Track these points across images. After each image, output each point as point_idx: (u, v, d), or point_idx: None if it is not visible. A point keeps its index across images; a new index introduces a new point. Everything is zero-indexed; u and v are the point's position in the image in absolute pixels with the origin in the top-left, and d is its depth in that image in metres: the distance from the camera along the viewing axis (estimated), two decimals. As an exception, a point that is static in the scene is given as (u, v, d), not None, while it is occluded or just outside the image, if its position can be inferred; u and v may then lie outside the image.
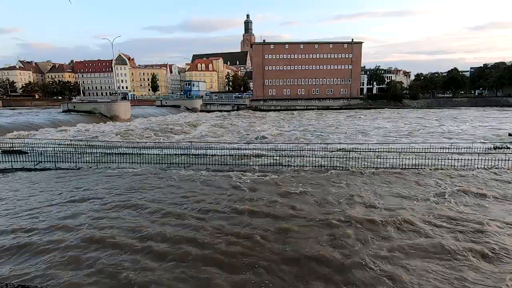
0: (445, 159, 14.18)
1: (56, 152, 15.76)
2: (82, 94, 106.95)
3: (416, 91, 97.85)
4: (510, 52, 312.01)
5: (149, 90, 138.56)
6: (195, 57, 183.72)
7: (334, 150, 16.78)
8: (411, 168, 13.68)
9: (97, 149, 17.69)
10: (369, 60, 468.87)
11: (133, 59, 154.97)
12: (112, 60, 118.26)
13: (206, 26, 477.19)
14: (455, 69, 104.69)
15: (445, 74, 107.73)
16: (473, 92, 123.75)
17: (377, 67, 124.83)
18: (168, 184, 11.90)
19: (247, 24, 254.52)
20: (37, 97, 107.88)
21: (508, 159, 13.97)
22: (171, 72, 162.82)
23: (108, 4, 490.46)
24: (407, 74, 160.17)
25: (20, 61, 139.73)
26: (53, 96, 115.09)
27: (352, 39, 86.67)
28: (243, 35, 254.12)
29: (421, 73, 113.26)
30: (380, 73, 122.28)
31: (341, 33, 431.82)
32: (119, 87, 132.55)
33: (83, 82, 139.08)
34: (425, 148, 16.30)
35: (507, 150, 16.65)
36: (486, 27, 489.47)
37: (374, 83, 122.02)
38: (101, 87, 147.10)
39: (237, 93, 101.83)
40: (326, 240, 7.38)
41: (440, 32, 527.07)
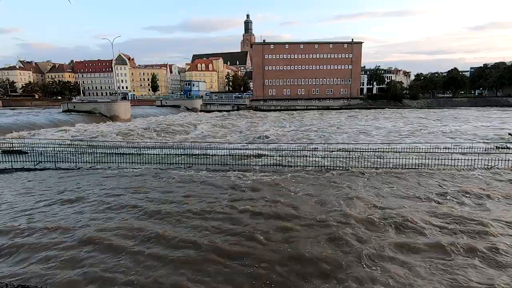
0: (445, 159, 14.18)
1: (56, 152, 15.75)
2: (82, 94, 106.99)
3: (416, 91, 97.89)
4: (510, 52, 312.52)
5: (149, 90, 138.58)
6: (195, 57, 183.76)
7: (335, 150, 16.78)
8: (412, 168, 13.68)
9: (97, 149, 17.68)
10: (369, 60, 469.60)
11: (133, 59, 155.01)
12: (112, 60, 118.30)
13: (206, 26, 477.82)
14: (455, 69, 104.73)
15: (445, 74, 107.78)
16: (473, 92, 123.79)
17: (377, 67, 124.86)
18: (168, 184, 11.89)
19: (247, 24, 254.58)
20: (37, 97, 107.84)
21: (508, 159, 13.96)
22: (171, 72, 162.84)
23: (108, 4, 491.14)
24: (407, 74, 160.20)
25: (20, 61, 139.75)
26: (52, 96, 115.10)
27: (352, 39, 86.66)
28: (243, 35, 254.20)
29: (421, 73, 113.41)
30: (380, 73, 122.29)
31: (341, 33, 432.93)
32: (119, 87, 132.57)
33: (83, 82, 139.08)
34: (425, 148, 16.29)
35: (507, 150, 16.65)
36: (486, 27, 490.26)
37: (374, 83, 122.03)
38: (101, 87, 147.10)
39: (237, 93, 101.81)
40: (326, 239, 7.37)
41: (440, 32, 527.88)
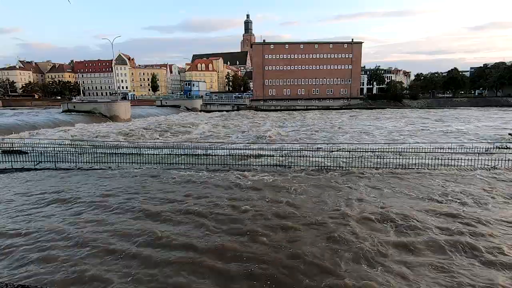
0: (446, 159, 14.17)
1: (56, 152, 15.73)
2: (82, 94, 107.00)
3: (416, 91, 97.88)
4: (510, 52, 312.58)
5: (149, 90, 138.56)
6: (195, 57, 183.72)
7: (336, 150, 16.78)
8: (413, 168, 13.69)
9: (97, 149, 17.67)
10: (369, 60, 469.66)
11: (133, 59, 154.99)
12: (112, 60, 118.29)
13: (206, 26, 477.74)
14: (455, 69, 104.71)
15: (445, 74, 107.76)
16: (473, 92, 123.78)
17: (377, 67, 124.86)
18: (168, 185, 11.88)
19: (247, 24, 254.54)
20: (36, 97, 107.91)
21: (508, 159, 13.96)
22: (171, 72, 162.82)
23: (108, 4, 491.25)
24: (407, 74, 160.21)
25: (20, 61, 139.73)
26: (52, 96, 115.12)
27: (352, 39, 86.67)
28: (243, 35, 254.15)
29: (421, 73, 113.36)
30: (380, 73, 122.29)
31: (341, 33, 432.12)
32: (119, 87, 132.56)
33: (83, 82, 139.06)
34: (425, 148, 16.29)
35: (508, 150, 16.66)
36: (486, 27, 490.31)
37: (374, 83, 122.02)
38: (101, 87, 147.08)
39: (237, 93, 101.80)
40: (327, 238, 7.37)
41: (440, 32, 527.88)
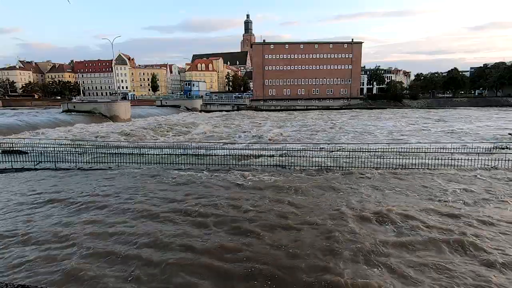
0: (446, 159, 14.18)
1: (56, 152, 15.73)
2: (82, 94, 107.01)
3: (416, 91, 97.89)
4: (510, 52, 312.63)
5: (149, 90, 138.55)
6: (195, 57, 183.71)
7: (336, 150, 16.78)
8: (413, 169, 13.69)
9: (97, 149, 17.67)
10: (369, 60, 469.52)
11: (133, 59, 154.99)
12: (112, 60, 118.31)
13: (206, 26, 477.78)
14: (455, 69, 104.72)
15: (445, 74, 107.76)
16: (473, 92, 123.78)
17: (377, 67, 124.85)
18: (168, 185, 11.87)
19: (247, 24, 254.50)
20: (36, 97, 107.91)
21: (508, 159, 13.97)
22: (171, 72, 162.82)
23: (108, 4, 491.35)
24: (407, 74, 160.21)
25: (20, 61, 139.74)
26: (52, 96, 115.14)
27: (352, 39, 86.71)
28: (243, 35, 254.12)
29: (421, 73, 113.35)
30: (380, 73, 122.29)
31: (341, 33, 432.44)
32: (119, 87, 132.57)
33: (83, 82, 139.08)
34: (425, 148, 16.29)
35: (508, 150, 16.66)
36: (486, 27, 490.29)
37: (374, 83, 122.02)
38: (101, 87, 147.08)
39: (237, 93, 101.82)
40: (327, 238, 7.38)
41: (440, 32, 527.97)
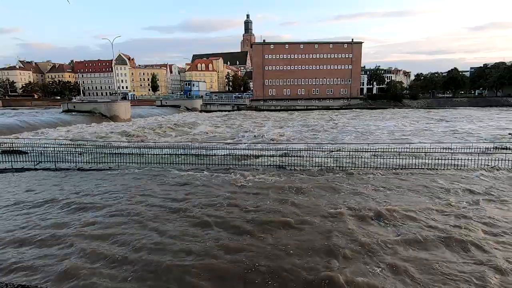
0: (446, 159, 14.19)
1: (56, 152, 15.74)
2: (82, 94, 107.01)
3: (416, 91, 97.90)
4: (510, 52, 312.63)
5: (149, 90, 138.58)
6: (195, 57, 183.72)
7: (337, 150, 16.77)
8: (413, 168, 13.68)
9: (97, 149, 17.67)
10: (369, 60, 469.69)
11: (133, 59, 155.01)
12: (112, 60, 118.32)
13: (206, 26, 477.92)
14: (455, 69, 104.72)
15: (445, 74, 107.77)
16: (473, 92, 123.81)
17: (377, 67, 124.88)
18: (169, 185, 11.87)
19: (247, 24, 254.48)
20: (36, 97, 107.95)
21: (508, 159, 13.97)
22: (171, 72, 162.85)
23: (108, 4, 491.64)
24: (407, 74, 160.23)
25: (20, 61, 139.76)
26: (52, 96, 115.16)
27: (352, 39, 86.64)
28: (243, 35, 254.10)
29: (421, 73, 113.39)
30: (380, 73, 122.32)
31: (341, 33, 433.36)
32: (119, 87, 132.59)
33: (83, 82, 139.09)
34: (425, 148, 16.30)
35: (508, 150, 16.66)
36: (486, 27, 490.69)
37: (374, 83, 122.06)
38: (101, 87, 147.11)
39: (237, 93, 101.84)
40: (328, 238, 7.39)
41: (440, 32, 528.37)
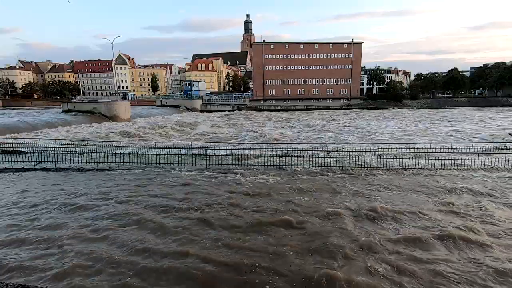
0: (445, 159, 14.19)
1: (56, 152, 15.74)
2: (82, 94, 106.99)
3: (416, 91, 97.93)
4: (510, 52, 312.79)
5: (149, 90, 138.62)
6: (195, 57, 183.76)
7: (337, 150, 16.78)
8: (413, 169, 13.69)
9: (97, 149, 17.68)
10: (369, 60, 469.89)
11: (133, 59, 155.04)
12: (112, 60, 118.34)
13: (206, 26, 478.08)
14: (455, 69, 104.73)
15: (445, 74, 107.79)
16: (473, 92, 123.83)
17: (377, 67, 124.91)
18: (169, 185, 11.86)
19: (247, 24, 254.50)
20: (36, 97, 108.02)
21: (508, 159, 13.98)
22: (171, 72, 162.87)
23: (108, 4, 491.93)
24: (407, 74, 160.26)
25: (20, 61, 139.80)
26: (52, 96, 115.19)
27: (352, 39, 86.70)
28: (243, 35, 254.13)
29: (421, 73, 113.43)
30: (380, 73, 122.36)
31: (341, 33, 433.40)
32: (119, 87, 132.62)
33: (83, 82, 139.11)
34: (425, 148, 16.30)
35: (507, 150, 16.67)
36: (486, 27, 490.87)
37: (374, 83, 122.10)
38: (101, 87, 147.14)
39: (237, 93, 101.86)
40: (330, 237, 7.39)
41: (440, 32, 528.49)
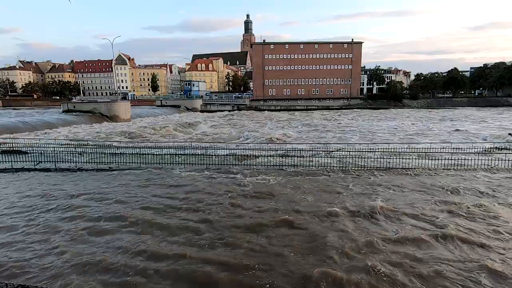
0: (445, 159, 14.20)
1: (56, 152, 15.73)
2: (82, 94, 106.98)
3: (416, 91, 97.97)
4: (510, 52, 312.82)
5: (149, 90, 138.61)
6: (195, 57, 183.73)
7: (337, 150, 16.78)
8: (413, 169, 13.68)
9: (97, 149, 17.68)
10: (369, 60, 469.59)
11: (133, 59, 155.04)
12: (112, 60, 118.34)
13: (206, 26, 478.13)
14: (455, 69, 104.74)
15: (445, 74, 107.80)
16: (473, 92, 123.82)
17: (377, 67, 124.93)
18: (169, 185, 11.85)
19: (247, 24, 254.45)
20: (36, 97, 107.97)
21: (508, 159, 13.98)
22: (171, 72, 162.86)
23: (108, 4, 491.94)
24: (407, 74, 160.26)
25: (20, 61, 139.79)
26: (52, 96, 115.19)
27: (352, 39, 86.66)
28: (243, 35, 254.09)
29: (421, 73, 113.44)
30: (380, 73, 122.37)
31: (341, 33, 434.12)
32: (119, 87, 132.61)
33: (83, 82, 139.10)
34: (425, 148, 16.31)
35: (507, 150, 16.67)
36: (486, 27, 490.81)
37: (374, 83, 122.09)
38: (101, 87, 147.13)
39: (237, 93, 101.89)
40: (330, 237, 7.39)
41: (440, 32, 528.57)
